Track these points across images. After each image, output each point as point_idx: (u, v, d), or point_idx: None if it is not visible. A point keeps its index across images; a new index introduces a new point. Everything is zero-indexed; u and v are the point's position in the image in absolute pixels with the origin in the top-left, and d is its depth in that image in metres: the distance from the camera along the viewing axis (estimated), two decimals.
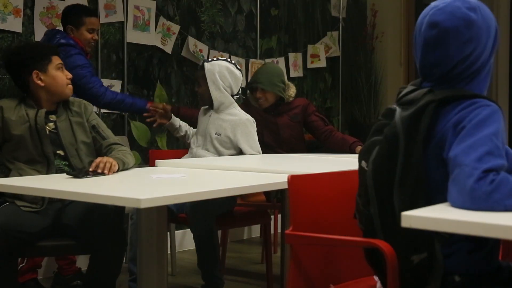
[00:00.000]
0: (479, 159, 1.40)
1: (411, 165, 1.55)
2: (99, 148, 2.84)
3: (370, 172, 1.63)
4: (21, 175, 2.67)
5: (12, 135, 2.71)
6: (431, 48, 1.63)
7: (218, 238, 3.25)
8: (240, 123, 3.44)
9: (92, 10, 3.70)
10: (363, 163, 1.69)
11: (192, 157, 3.49)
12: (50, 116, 2.80)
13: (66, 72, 2.87)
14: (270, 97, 3.96)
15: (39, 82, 2.77)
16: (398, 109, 1.63)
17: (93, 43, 3.59)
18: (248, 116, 3.51)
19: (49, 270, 3.71)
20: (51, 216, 2.67)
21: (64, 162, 2.76)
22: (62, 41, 3.41)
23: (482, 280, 1.58)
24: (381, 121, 1.71)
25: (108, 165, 2.47)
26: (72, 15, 3.52)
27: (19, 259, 3.26)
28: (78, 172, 2.45)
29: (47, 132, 2.74)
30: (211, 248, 3.17)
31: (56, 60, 2.84)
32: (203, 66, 3.49)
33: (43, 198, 2.64)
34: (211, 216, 3.16)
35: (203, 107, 3.64)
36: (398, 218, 1.51)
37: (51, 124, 2.79)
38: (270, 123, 3.98)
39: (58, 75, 2.82)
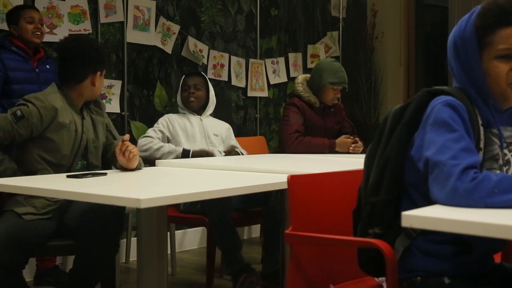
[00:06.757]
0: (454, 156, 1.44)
1: (387, 144, 1.63)
2: (109, 146, 2.84)
3: (365, 158, 1.73)
4: None
5: (54, 138, 2.64)
6: None
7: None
8: (229, 127, 3.92)
9: (28, 5, 3.65)
10: None
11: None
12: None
13: None
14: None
15: (96, 83, 2.76)
16: None
17: (38, 33, 3.46)
18: None
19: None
20: (55, 218, 2.64)
21: (82, 161, 2.75)
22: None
23: (473, 282, 1.58)
24: None
25: (131, 155, 2.55)
26: (9, 16, 3.49)
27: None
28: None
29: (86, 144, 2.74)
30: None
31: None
32: (201, 73, 3.93)
33: (49, 205, 2.60)
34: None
35: (176, 114, 3.79)
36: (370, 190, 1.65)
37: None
38: (319, 126, 3.95)
39: (102, 83, 2.82)
